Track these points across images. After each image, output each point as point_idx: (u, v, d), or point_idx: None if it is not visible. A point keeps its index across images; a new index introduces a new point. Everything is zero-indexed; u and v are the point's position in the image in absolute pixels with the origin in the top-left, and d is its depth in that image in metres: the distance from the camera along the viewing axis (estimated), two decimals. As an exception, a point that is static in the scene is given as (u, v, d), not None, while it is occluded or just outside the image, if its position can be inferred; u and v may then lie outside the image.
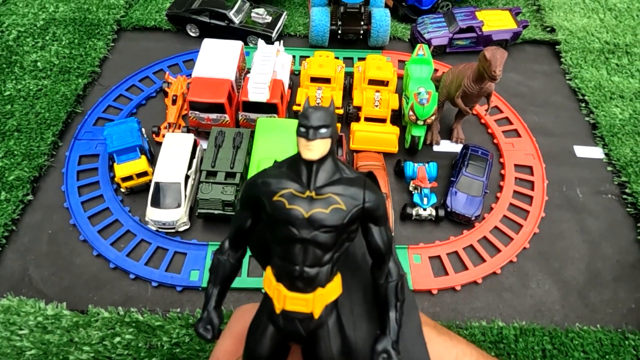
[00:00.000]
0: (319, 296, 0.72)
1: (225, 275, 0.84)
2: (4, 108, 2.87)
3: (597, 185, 2.77)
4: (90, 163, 2.70)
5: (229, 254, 0.84)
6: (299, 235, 0.71)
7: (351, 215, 0.73)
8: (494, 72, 2.27)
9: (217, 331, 0.78)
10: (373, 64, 2.89)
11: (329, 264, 0.73)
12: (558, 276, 2.39)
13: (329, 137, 0.75)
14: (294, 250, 0.72)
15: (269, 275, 0.75)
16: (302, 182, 0.75)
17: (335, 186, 0.75)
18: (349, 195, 0.74)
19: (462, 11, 3.38)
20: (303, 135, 0.74)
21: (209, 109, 2.64)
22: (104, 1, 3.54)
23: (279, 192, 0.74)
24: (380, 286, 0.78)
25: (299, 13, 3.64)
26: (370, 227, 0.77)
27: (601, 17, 3.65)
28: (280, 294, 0.72)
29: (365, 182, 0.76)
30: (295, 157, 0.79)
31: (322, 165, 0.76)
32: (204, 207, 2.38)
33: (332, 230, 0.72)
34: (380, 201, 0.76)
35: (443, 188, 2.67)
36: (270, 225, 0.76)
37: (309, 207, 0.72)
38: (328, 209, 0.72)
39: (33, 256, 2.35)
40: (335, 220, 0.72)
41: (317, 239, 0.71)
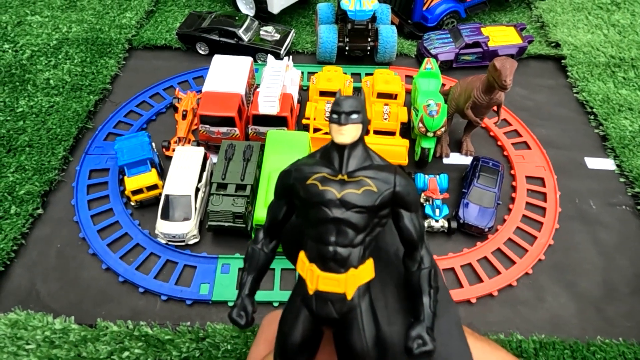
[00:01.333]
0: (352, 277, 0.72)
1: (259, 264, 0.86)
2: (17, 124, 2.90)
3: (610, 196, 2.74)
4: (100, 177, 2.70)
5: (263, 243, 0.86)
6: (332, 215, 0.73)
7: (382, 197, 0.74)
8: (505, 82, 2.28)
9: (251, 318, 0.78)
10: (381, 78, 2.92)
11: (360, 245, 0.74)
12: (574, 289, 2.34)
13: (360, 123, 0.78)
14: (326, 231, 0.73)
15: (302, 258, 0.76)
16: (334, 167, 0.77)
17: (366, 170, 0.76)
18: (381, 179, 0.75)
19: (468, 27, 3.43)
20: (335, 121, 0.77)
21: (220, 122, 2.66)
22: (116, 21, 3.62)
23: (312, 176, 0.76)
24: (413, 274, 0.77)
25: (307, 31, 3.71)
26: (401, 213, 0.77)
27: (605, 33, 3.70)
28: (314, 274, 0.73)
29: (396, 168, 0.78)
30: (327, 146, 0.81)
31: (353, 151, 0.78)
32: (214, 219, 2.36)
33: (363, 210, 0.73)
34: (411, 187, 0.77)
35: (454, 200, 2.65)
36: (304, 209, 0.78)
37: (341, 189, 0.74)
38: (360, 190, 0.74)
39: (41, 270, 2.33)
40: (367, 201, 0.73)
41: (349, 219, 0.73)
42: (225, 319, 2.16)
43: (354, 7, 3.16)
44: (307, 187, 0.76)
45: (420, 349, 0.69)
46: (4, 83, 3.14)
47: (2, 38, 3.45)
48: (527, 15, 3.94)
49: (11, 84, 3.13)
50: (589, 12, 3.89)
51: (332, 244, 0.72)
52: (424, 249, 0.79)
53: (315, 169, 0.78)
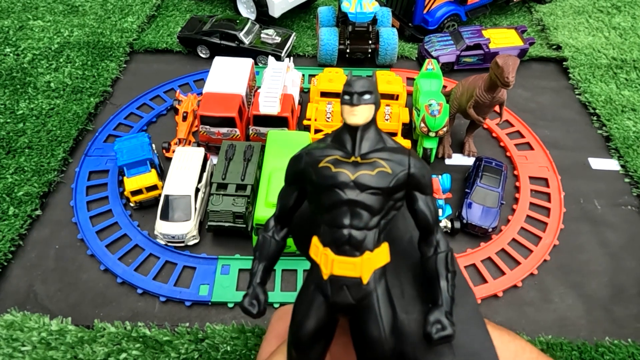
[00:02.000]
0: (367, 260, 0.70)
1: (270, 253, 0.84)
2: (17, 126, 2.89)
3: (615, 197, 2.70)
4: (99, 179, 2.68)
5: (273, 231, 0.85)
6: (346, 196, 0.71)
7: (397, 179, 0.72)
8: (507, 79, 2.27)
9: (263, 307, 0.76)
10: (383, 79, 2.91)
11: (376, 228, 0.72)
12: (581, 289, 2.29)
13: (372, 104, 0.76)
14: (341, 214, 0.71)
15: (316, 242, 0.74)
16: (347, 149, 0.76)
17: (380, 152, 0.74)
18: (395, 161, 0.73)
19: (469, 29, 3.43)
20: (347, 102, 0.75)
21: (220, 123, 2.64)
22: (118, 25, 3.63)
23: (324, 159, 0.74)
24: (429, 259, 0.75)
25: (307, 34, 3.71)
26: (415, 196, 0.76)
27: (606, 35, 3.69)
28: (328, 258, 0.71)
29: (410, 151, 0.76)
30: (338, 129, 0.79)
31: (366, 133, 0.76)
32: (214, 219, 2.33)
33: (378, 192, 0.71)
34: (426, 170, 0.75)
35: (457, 201, 2.62)
36: (317, 193, 0.75)
37: (354, 170, 0.72)
38: (374, 171, 0.72)
39: (39, 271, 2.29)
40: (381, 182, 0.71)
41: (363, 201, 0.71)
42: (225, 320, 2.12)
43: (355, 10, 3.16)
44: (320, 170, 0.74)
45: (440, 334, 0.66)
46: (4, 86, 3.13)
47: (4, 42, 3.46)
48: (528, 19, 3.95)
49: (12, 86, 3.13)
50: (589, 16, 3.90)
51: (346, 227, 0.70)
52: (439, 232, 0.77)
53: (328, 152, 0.76)
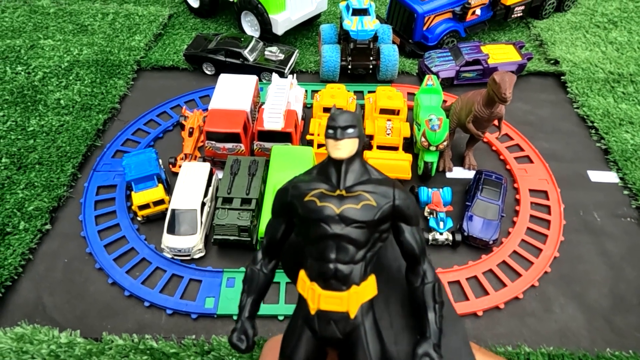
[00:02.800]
0: (354, 294, 0.71)
1: (258, 286, 0.84)
2: (27, 143, 2.96)
3: (614, 209, 2.74)
4: (107, 193, 2.74)
5: (262, 263, 0.84)
6: (331, 231, 0.71)
7: (382, 211, 0.73)
8: (504, 94, 2.33)
9: (252, 342, 0.77)
10: (384, 94, 2.98)
11: (362, 261, 0.72)
12: (582, 300, 2.31)
13: (356, 137, 0.77)
14: (326, 248, 0.71)
15: (303, 276, 0.74)
16: (332, 182, 0.76)
17: (365, 185, 0.75)
18: (380, 193, 0.74)
19: (468, 45, 3.51)
20: (331, 136, 0.76)
21: (225, 138, 2.71)
22: (126, 44, 3.73)
23: (310, 193, 0.75)
24: (417, 289, 0.76)
25: (310, 51, 3.80)
26: (401, 227, 0.76)
27: (603, 50, 3.76)
28: (315, 293, 0.71)
29: (394, 182, 0.78)
30: (324, 162, 0.80)
31: (350, 166, 0.77)
32: (219, 232, 2.38)
33: (363, 225, 0.72)
34: (410, 201, 0.76)
35: (458, 213, 2.66)
36: (303, 226, 0.76)
37: (339, 204, 0.73)
38: (359, 204, 0.72)
39: (48, 284, 2.34)
40: (366, 215, 0.72)
41: (349, 235, 0.71)
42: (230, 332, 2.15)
43: (356, 28, 3.25)
44: (306, 203, 0.74)
45: None
46: (16, 103, 3.22)
47: (16, 61, 3.56)
48: (526, 34, 4.03)
49: (23, 104, 3.22)
50: (586, 31, 3.97)
51: (332, 261, 0.71)
52: (427, 263, 0.77)
53: (313, 185, 0.76)
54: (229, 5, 3.97)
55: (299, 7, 3.67)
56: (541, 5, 4.01)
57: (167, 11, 4.16)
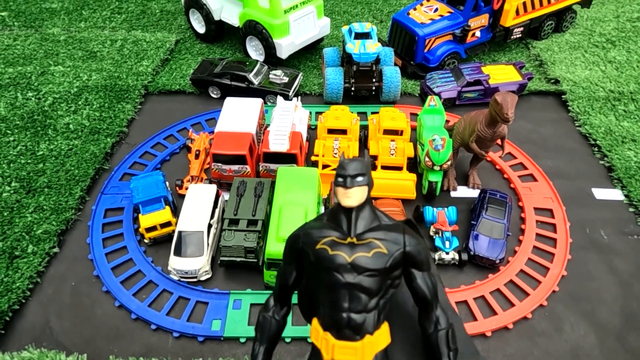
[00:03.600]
0: (368, 344, 0.69)
1: (271, 333, 0.83)
2: (37, 166, 3.01)
3: (620, 226, 2.73)
4: (115, 216, 2.77)
5: (274, 310, 0.84)
6: (344, 280, 0.71)
7: (393, 258, 0.73)
8: (506, 115, 2.36)
9: None
10: (387, 115, 3.02)
11: (375, 309, 0.72)
12: (592, 319, 2.29)
13: (365, 185, 0.78)
14: (339, 297, 0.71)
15: (316, 326, 0.73)
16: (343, 230, 0.77)
17: (375, 232, 0.76)
18: (390, 240, 0.74)
19: (469, 66, 3.57)
20: (341, 184, 0.78)
21: (231, 160, 2.75)
22: (134, 69, 3.82)
23: (321, 241, 0.76)
24: (430, 336, 0.75)
25: (314, 74, 3.88)
26: (413, 273, 0.76)
27: (602, 69, 3.81)
28: (329, 343, 0.70)
29: (404, 228, 0.78)
30: (334, 209, 0.81)
31: (360, 213, 0.77)
32: (226, 254, 2.39)
33: (375, 274, 0.72)
34: (421, 246, 0.76)
35: (464, 232, 2.66)
36: (315, 274, 0.76)
37: (351, 252, 0.73)
38: (370, 252, 0.73)
39: (55, 308, 2.34)
40: (378, 263, 0.72)
41: (361, 283, 0.71)
42: (237, 355, 2.14)
43: (359, 51, 3.32)
44: (317, 252, 0.75)
45: None
46: (26, 128, 3.29)
47: (27, 87, 3.65)
48: (526, 55, 4.10)
49: (33, 129, 3.29)
50: (585, 50, 4.04)
51: (345, 310, 0.70)
52: (439, 308, 0.76)
53: (324, 232, 0.77)
54: (234, 30, 4.07)
55: (303, 31, 3.76)
56: (540, 26, 4.08)
57: (174, 37, 4.27)
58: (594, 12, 4.52)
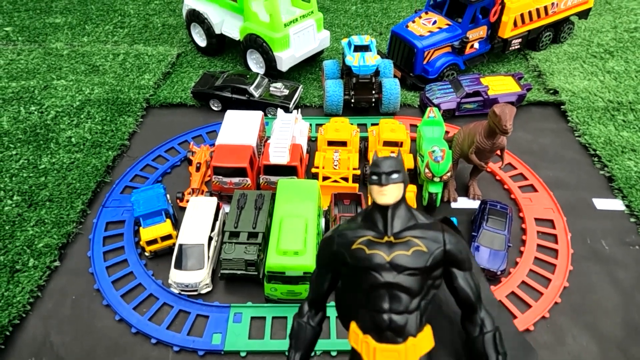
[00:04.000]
0: (412, 347, 0.66)
1: (306, 340, 0.80)
2: (39, 180, 3.03)
3: (622, 236, 2.73)
4: (116, 229, 2.77)
5: (308, 316, 0.81)
6: (383, 279, 0.68)
7: (434, 257, 0.70)
8: (505, 126, 2.37)
9: None
10: (387, 127, 3.04)
11: (417, 310, 0.68)
12: (595, 331, 2.28)
13: (401, 182, 0.76)
14: (379, 297, 0.68)
15: (355, 329, 0.70)
16: (379, 229, 0.74)
17: (413, 230, 0.73)
18: (429, 238, 0.72)
19: (467, 78, 3.59)
20: (375, 182, 0.75)
21: (232, 173, 2.76)
22: (135, 83, 3.86)
23: (357, 240, 0.73)
24: (476, 340, 0.71)
25: (314, 86, 3.91)
26: (454, 273, 0.73)
27: (601, 79, 3.83)
28: (369, 346, 0.66)
29: (442, 226, 0.75)
30: (368, 209, 0.78)
31: (396, 211, 0.75)
32: (226, 267, 2.39)
33: (416, 272, 0.69)
34: (462, 245, 0.74)
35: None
36: (353, 276, 0.72)
37: (389, 251, 0.70)
38: (409, 251, 0.70)
39: (56, 322, 2.34)
40: (418, 262, 0.69)
41: (402, 283, 0.68)
42: (237, 369, 2.12)
43: (358, 63, 3.35)
44: (354, 252, 0.72)
45: None
46: (29, 142, 3.31)
47: (30, 101, 3.68)
48: (524, 65, 4.13)
49: (35, 142, 3.31)
50: (583, 61, 4.06)
51: (386, 311, 0.66)
52: (483, 310, 0.72)
53: (360, 232, 0.74)
54: (235, 43, 4.11)
55: (303, 44, 3.80)
56: (538, 37, 4.12)
57: (176, 50, 4.31)
58: (591, 23, 4.56)
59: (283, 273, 2.27)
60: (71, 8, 5.09)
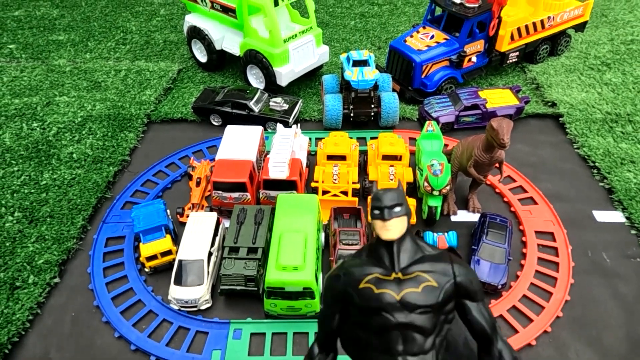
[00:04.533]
0: None
1: None
2: (40, 196, 3.04)
3: (623, 249, 2.72)
4: (116, 245, 2.78)
5: (319, 358, 0.77)
6: (395, 320, 0.65)
7: (445, 291, 0.68)
8: (503, 140, 2.39)
9: None
10: (386, 141, 3.06)
11: (432, 349, 0.65)
12: (598, 345, 2.25)
13: (404, 215, 0.74)
14: (392, 339, 0.65)
15: None
16: (386, 265, 0.71)
17: (421, 264, 0.70)
18: (438, 272, 0.69)
19: (466, 91, 3.62)
20: (378, 217, 0.72)
21: (232, 188, 2.77)
22: (137, 99, 3.90)
23: (364, 279, 0.70)
24: None
25: (313, 100, 3.94)
26: (467, 305, 0.71)
27: (599, 91, 3.86)
28: None
29: (450, 256, 0.73)
30: (372, 243, 0.75)
31: (402, 245, 0.73)
32: (226, 283, 2.39)
33: (429, 310, 0.66)
34: (472, 275, 0.72)
35: (465, 257, 2.65)
36: (362, 316, 0.69)
37: (399, 289, 0.67)
38: (419, 287, 0.67)
39: (55, 339, 2.33)
40: (429, 299, 0.66)
41: (415, 322, 0.65)
42: (237, 387, 2.11)
43: (357, 78, 3.38)
44: (361, 291, 0.68)
45: None
46: (30, 158, 3.34)
47: (32, 117, 3.72)
48: (522, 78, 4.16)
49: (37, 158, 3.33)
50: (581, 73, 4.09)
51: (400, 354, 0.63)
52: (500, 341, 0.69)
53: (366, 270, 0.71)
54: (235, 59, 4.16)
55: (302, 59, 3.84)
56: (535, 50, 4.15)
57: (177, 66, 4.36)
58: (588, 35, 4.60)
59: (282, 288, 2.27)
60: (74, 25, 5.16)
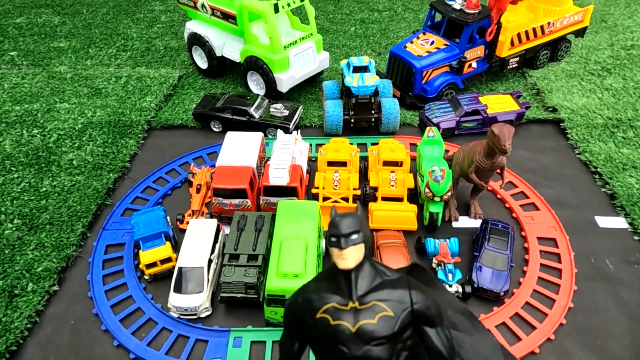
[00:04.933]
0: None
1: None
2: (39, 203, 3.03)
3: (626, 255, 2.70)
4: (116, 252, 2.76)
5: None
6: (350, 353, 0.64)
7: (401, 321, 0.67)
8: (504, 146, 2.37)
9: None
10: (386, 147, 3.05)
11: None
12: (602, 353, 2.23)
13: (361, 242, 0.72)
14: None
15: None
16: (344, 292, 0.70)
17: (378, 292, 0.69)
18: (395, 300, 0.67)
19: (466, 97, 3.62)
20: (335, 244, 0.71)
21: (232, 194, 2.76)
22: (137, 105, 3.90)
23: (322, 308, 0.69)
24: None
25: (314, 106, 3.94)
26: (425, 331, 0.69)
27: (599, 97, 3.85)
28: None
29: (409, 281, 0.71)
30: (331, 269, 0.74)
31: (360, 272, 0.71)
32: (226, 290, 2.37)
33: (384, 341, 0.65)
34: (430, 300, 0.69)
35: (467, 263, 2.63)
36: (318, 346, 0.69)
37: (354, 320, 0.66)
38: (375, 318, 0.66)
39: (54, 348, 2.31)
40: (385, 329, 0.65)
41: (370, 354, 0.64)
42: (237, 396, 2.08)
43: (357, 84, 3.38)
44: (318, 322, 0.68)
45: None
46: (30, 165, 3.33)
47: (32, 124, 3.72)
48: (523, 84, 4.16)
49: (37, 165, 3.33)
50: (581, 78, 4.09)
51: None
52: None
53: (324, 299, 0.69)
54: (235, 65, 4.17)
55: (302, 65, 3.84)
56: (535, 56, 4.15)
57: (177, 73, 4.37)
58: (588, 40, 4.61)
59: (283, 296, 2.25)
60: (75, 32, 5.19)
